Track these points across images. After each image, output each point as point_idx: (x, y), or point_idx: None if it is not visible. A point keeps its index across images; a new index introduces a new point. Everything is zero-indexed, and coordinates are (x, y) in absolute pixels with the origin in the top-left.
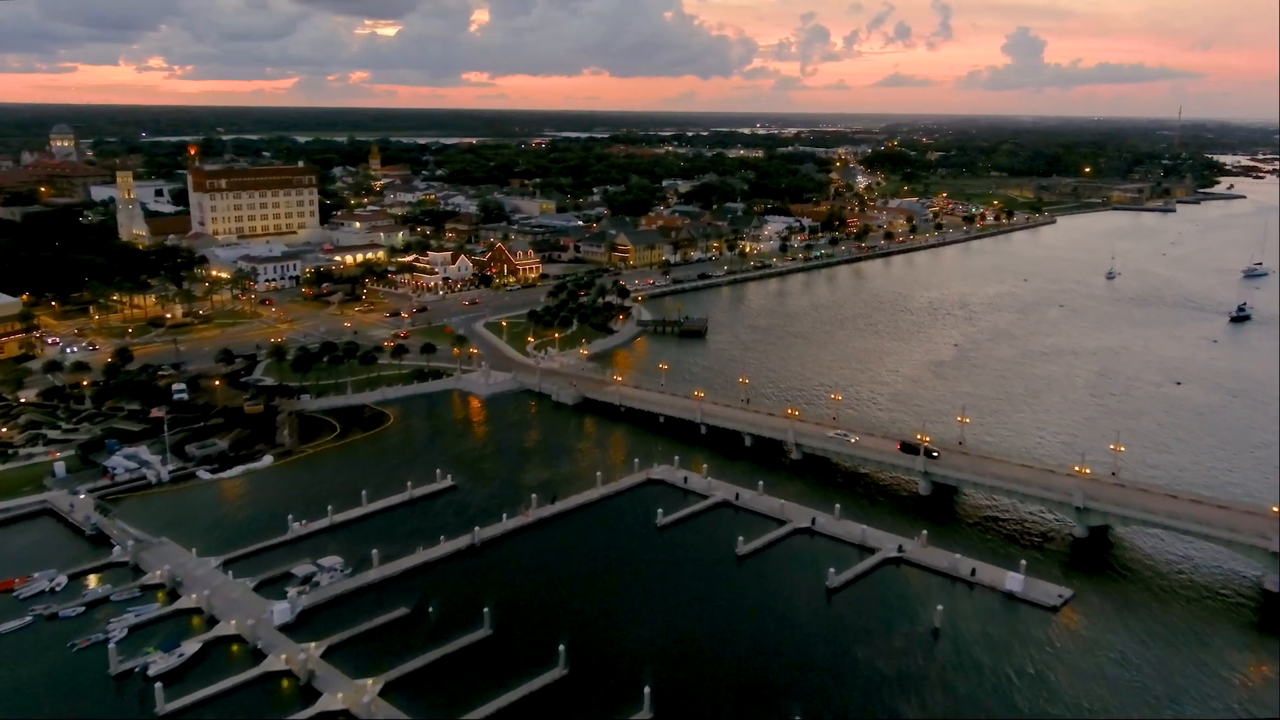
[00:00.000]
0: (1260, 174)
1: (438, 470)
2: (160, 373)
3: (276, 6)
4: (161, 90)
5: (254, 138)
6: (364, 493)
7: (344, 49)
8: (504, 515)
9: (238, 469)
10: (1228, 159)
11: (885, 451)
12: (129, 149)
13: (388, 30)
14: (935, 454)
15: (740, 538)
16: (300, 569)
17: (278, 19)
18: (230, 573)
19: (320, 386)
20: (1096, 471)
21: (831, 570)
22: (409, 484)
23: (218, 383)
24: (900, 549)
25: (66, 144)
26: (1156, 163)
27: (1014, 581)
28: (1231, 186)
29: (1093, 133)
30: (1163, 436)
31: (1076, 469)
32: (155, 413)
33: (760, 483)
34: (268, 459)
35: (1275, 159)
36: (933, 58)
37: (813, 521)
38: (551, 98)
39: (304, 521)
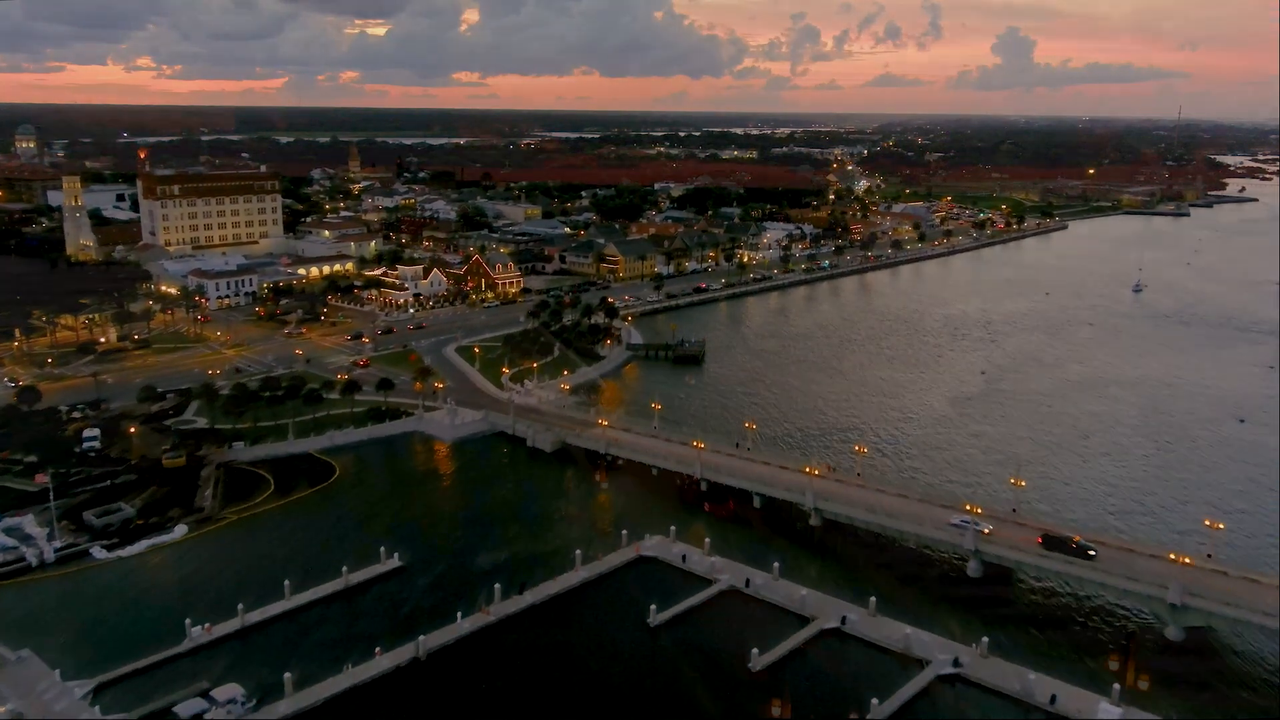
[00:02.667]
0: (1266, 175)
1: (383, 548)
2: (72, 415)
3: (264, 6)
4: (151, 90)
5: (236, 138)
6: (287, 583)
7: (333, 48)
8: (459, 614)
9: (142, 544)
10: (1229, 160)
11: (928, 523)
12: (102, 150)
13: (377, 30)
14: (1093, 552)
15: (755, 649)
16: (186, 706)
17: (265, 18)
18: (97, 707)
19: (258, 430)
20: (1179, 546)
21: (874, 701)
22: (344, 568)
23: (133, 429)
24: (956, 662)
25: (30, 145)
26: (1162, 164)
27: (1108, 714)
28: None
29: (1087, 133)
30: (1241, 498)
31: (1172, 556)
32: (40, 478)
33: (775, 564)
34: (180, 529)
35: (1278, 160)
36: (923, 57)
37: (843, 621)
38: (542, 97)
39: (206, 626)
